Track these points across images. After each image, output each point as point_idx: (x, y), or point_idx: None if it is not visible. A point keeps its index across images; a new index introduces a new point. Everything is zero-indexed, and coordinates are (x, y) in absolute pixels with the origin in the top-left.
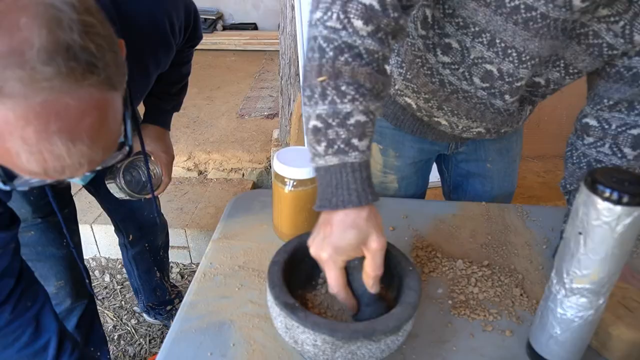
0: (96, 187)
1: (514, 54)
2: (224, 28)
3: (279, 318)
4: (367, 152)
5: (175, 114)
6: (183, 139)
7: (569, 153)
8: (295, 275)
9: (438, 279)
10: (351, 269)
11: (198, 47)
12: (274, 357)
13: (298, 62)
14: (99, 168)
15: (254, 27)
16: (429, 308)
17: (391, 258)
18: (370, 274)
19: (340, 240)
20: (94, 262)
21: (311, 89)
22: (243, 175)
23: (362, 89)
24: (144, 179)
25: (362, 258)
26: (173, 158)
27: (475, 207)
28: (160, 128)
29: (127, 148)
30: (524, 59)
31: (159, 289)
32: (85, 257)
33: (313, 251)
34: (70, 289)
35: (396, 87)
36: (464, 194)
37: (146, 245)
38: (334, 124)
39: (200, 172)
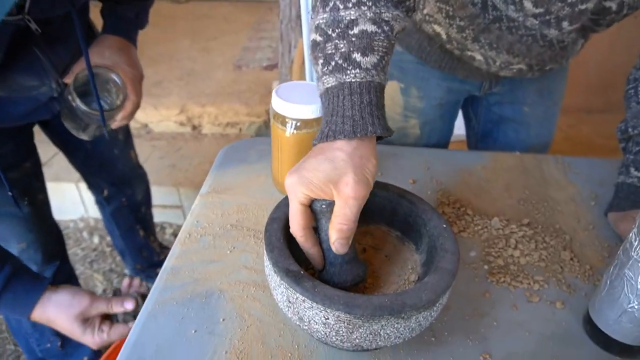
0: (62, 139)
1: None
2: None
3: (279, 289)
4: (374, 71)
5: (166, 65)
6: (175, 92)
7: (632, 91)
8: None
9: (470, 239)
10: (318, 214)
11: None
12: (274, 335)
13: (299, 2)
14: None
15: None
16: (462, 274)
17: (420, 214)
18: (335, 226)
19: (308, 170)
20: (82, 223)
21: None
22: (240, 130)
23: None
24: (106, 100)
25: (327, 204)
26: (142, 76)
27: (508, 157)
28: (123, 39)
29: None
30: None
31: (144, 249)
32: (72, 217)
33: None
34: (35, 251)
35: (425, 11)
36: (494, 143)
37: (124, 200)
38: (333, 35)
39: (194, 127)
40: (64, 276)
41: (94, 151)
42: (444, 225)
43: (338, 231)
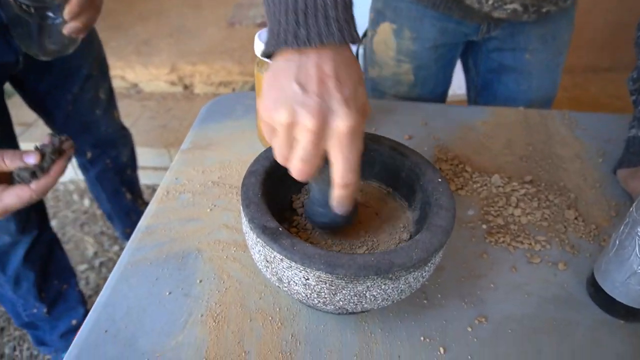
0: (39, 99)
1: None
2: None
3: (256, 247)
4: None
5: (155, 22)
6: (165, 50)
7: None
8: (282, 190)
9: (468, 197)
10: None
11: None
12: (254, 297)
13: None
14: None
15: None
16: (458, 234)
17: (413, 167)
18: (338, 180)
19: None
20: (72, 186)
21: None
22: (234, 89)
23: None
24: None
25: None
26: None
27: (510, 112)
28: None
29: None
30: None
31: (132, 212)
32: (62, 180)
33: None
34: (7, 220)
35: None
36: (494, 96)
37: (108, 162)
38: None
39: (185, 87)
40: (43, 248)
41: (74, 112)
42: (439, 180)
43: (344, 186)
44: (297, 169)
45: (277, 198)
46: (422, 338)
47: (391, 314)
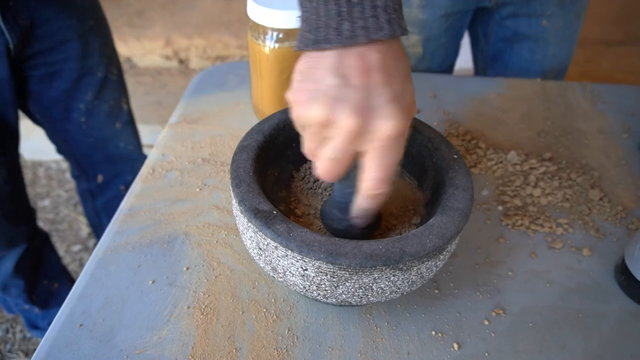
0: (45, 113)
1: None
2: None
3: (248, 233)
4: None
5: None
6: (159, 22)
7: None
8: (278, 167)
9: (482, 176)
10: None
11: None
12: (247, 286)
13: None
14: None
15: None
16: (472, 216)
17: (425, 142)
18: (367, 188)
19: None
20: (65, 164)
21: None
22: None
23: None
24: None
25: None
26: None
27: (526, 84)
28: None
29: None
30: None
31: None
32: (54, 158)
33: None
34: None
35: None
36: (504, 67)
37: (122, 188)
38: None
39: (180, 61)
40: (32, 256)
41: (88, 125)
42: (455, 156)
43: (373, 188)
44: (324, 167)
45: (273, 176)
46: (433, 332)
47: (399, 305)
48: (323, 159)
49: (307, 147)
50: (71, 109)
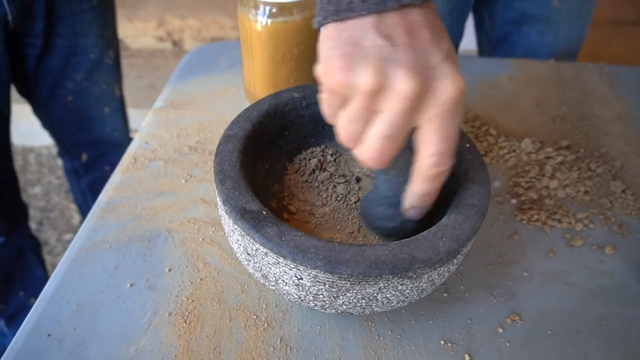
0: (31, 85)
1: None
2: None
3: (234, 236)
4: None
5: None
6: (152, 2)
7: None
8: (268, 160)
9: (493, 166)
10: None
11: None
12: (235, 290)
13: None
14: None
15: None
16: None
17: None
18: (429, 167)
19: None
20: (56, 149)
21: None
22: None
23: None
24: None
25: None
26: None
27: (539, 66)
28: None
29: None
30: None
31: None
32: (45, 144)
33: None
34: None
35: None
36: (511, 51)
37: (107, 168)
38: None
39: (174, 43)
40: (8, 254)
41: (74, 105)
42: (467, 145)
43: (436, 166)
44: (375, 149)
45: (263, 169)
46: (442, 342)
47: (404, 311)
48: (374, 138)
49: (349, 131)
50: (59, 87)
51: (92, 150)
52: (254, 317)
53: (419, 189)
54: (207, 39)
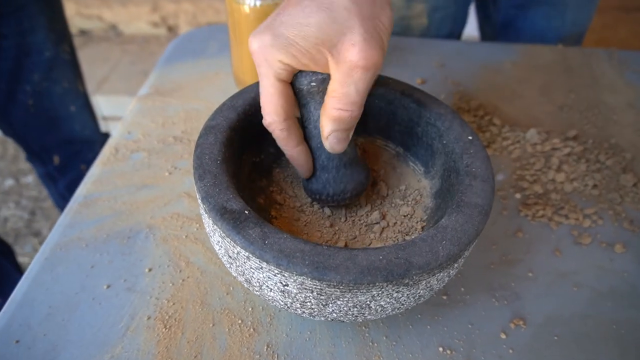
0: None
1: None
2: None
3: (215, 236)
4: None
5: None
6: None
7: None
8: (256, 153)
9: (497, 158)
10: (305, 95)
11: None
12: (219, 291)
13: None
14: None
15: None
16: None
17: (433, 120)
18: (331, 112)
19: (289, 26)
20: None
21: None
22: None
23: None
24: None
25: (319, 80)
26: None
27: (545, 51)
28: None
29: None
30: None
31: None
32: None
33: (249, 42)
34: None
35: None
36: (516, 36)
37: (83, 167)
38: None
39: (169, 28)
40: None
41: (37, 107)
42: (470, 137)
43: (336, 120)
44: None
45: (250, 162)
46: (440, 349)
47: (400, 316)
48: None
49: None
50: (16, 91)
51: (64, 151)
52: (239, 321)
53: (327, 126)
54: (203, 24)
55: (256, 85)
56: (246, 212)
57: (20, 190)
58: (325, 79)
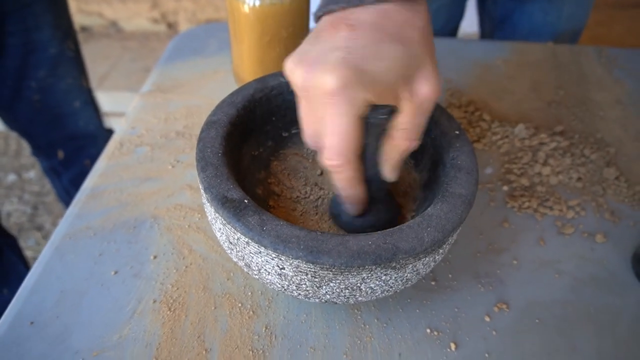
0: None
1: None
2: None
3: (217, 224)
4: None
5: None
6: None
7: None
8: (254, 146)
9: (486, 152)
10: (369, 127)
11: None
12: (221, 277)
13: None
14: None
15: None
16: None
17: None
18: (402, 143)
19: (371, 58)
20: None
21: None
22: None
23: None
24: None
25: (388, 112)
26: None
27: (536, 49)
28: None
29: None
30: None
31: None
32: None
33: (290, 68)
34: None
35: None
36: (513, 30)
37: (87, 162)
38: None
39: (169, 25)
40: None
41: (42, 104)
42: (457, 132)
43: (405, 150)
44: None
45: (249, 155)
46: (428, 330)
47: (390, 300)
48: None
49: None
50: (22, 88)
51: (69, 146)
52: (239, 304)
53: (393, 157)
54: (203, 21)
55: (254, 82)
56: (246, 201)
57: (23, 185)
58: (393, 111)
